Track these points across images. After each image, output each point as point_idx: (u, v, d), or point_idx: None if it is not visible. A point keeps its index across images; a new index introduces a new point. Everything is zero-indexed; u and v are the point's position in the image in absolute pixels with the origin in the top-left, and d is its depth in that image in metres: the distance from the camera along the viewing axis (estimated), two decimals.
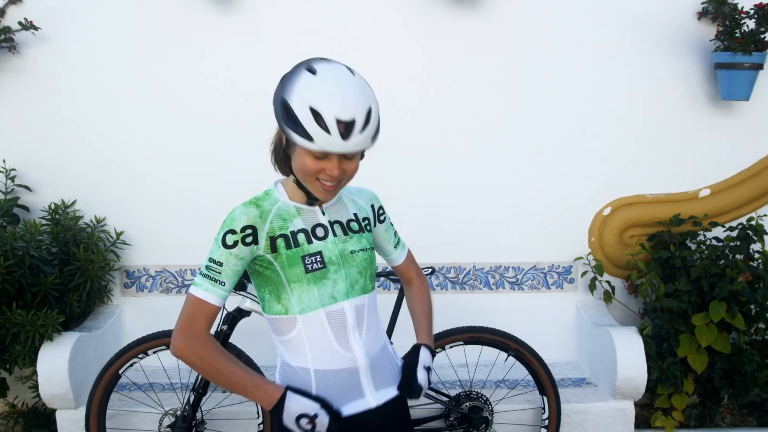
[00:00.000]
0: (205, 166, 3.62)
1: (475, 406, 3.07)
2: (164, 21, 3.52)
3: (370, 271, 1.83)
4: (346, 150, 1.61)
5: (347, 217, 1.84)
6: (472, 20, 3.55)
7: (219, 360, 1.68)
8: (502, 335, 3.05)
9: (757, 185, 3.70)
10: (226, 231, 1.71)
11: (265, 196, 1.81)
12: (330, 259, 1.75)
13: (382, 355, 1.87)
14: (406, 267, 2.05)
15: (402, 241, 2.04)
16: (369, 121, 1.63)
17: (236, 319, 2.85)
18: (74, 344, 3.12)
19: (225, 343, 2.84)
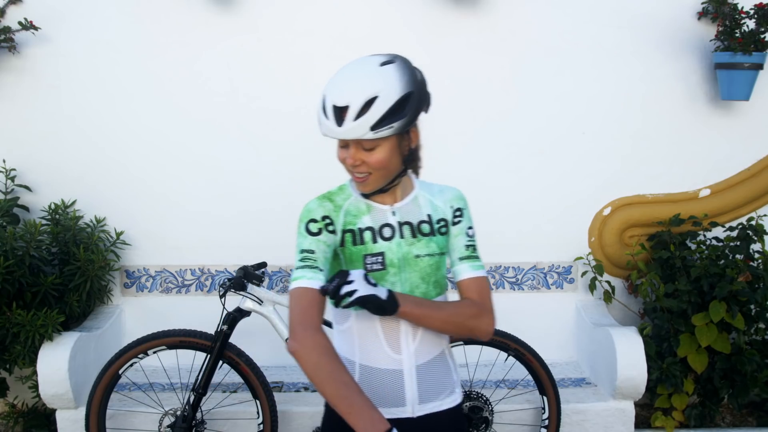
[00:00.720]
0: (204, 166, 3.62)
1: (474, 406, 3.07)
2: (164, 21, 3.52)
3: (435, 277, 1.75)
4: (340, 135, 1.60)
5: (419, 219, 1.76)
6: (472, 20, 3.55)
7: (335, 364, 1.56)
8: (502, 335, 3.05)
9: (757, 185, 3.70)
10: (308, 221, 1.71)
11: (338, 190, 1.79)
12: (391, 261, 1.71)
13: (435, 364, 1.77)
14: (467, 287, 1.76)
15: (477, 262, 1.78)
16: (368, 110, 1.56)
17: (236, 319, 2.86)
18: (74, 344, 3.12)
19: (225, 343, 2.84)
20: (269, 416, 2.92)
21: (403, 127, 1.60)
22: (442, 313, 1.68)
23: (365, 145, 1.61)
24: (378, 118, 1.57)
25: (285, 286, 3.69)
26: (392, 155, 1.64)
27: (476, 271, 1.76)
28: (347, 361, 1.76)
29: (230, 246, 3.64)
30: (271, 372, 3.57)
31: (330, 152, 3.78)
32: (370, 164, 1.63)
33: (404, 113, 1.59)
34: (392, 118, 1.58)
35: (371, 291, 1.56)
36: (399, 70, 1.61)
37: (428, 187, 1.82)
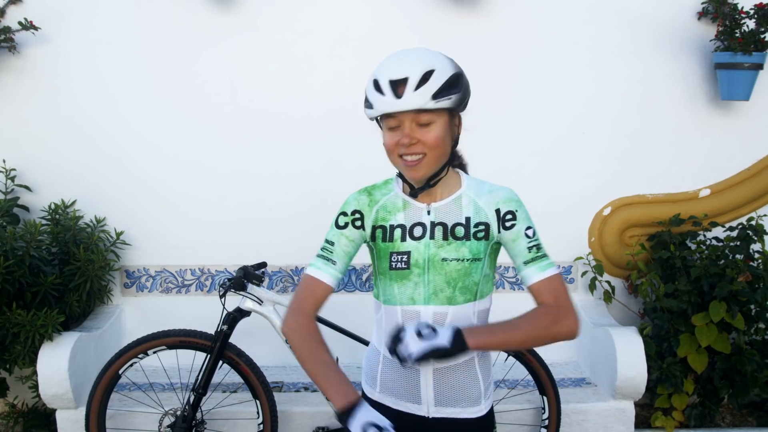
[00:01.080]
0: (204, 166, 3.62)
1: None
2: (164, 21, 3.52)
3: (462, 283, 1.69)
4: (399, 107, 1.56)
5: (455, 221, 1.69)
6: (472, 20, 3.55)
7: (314, 344, 1.65)
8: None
9: (757, 185, 3.70)
10: (340, 213, 1.76)
11: (383, 184, 1.80)
12: (416, 261, 1.69)
13: (458, 371, 1.74)
14: (538, 290, 1.70)
15: (543, 261, 1.68)
16: (427, 81, 1.56)
17: (236, 319, 2.86)
18: (74, 344, 3.12)
19: (225, 343, 2.84)
20: (269, 416, 2.92)
21: (458, 101, 1.61)
22: (519, 332, 1.65)
23: (421, 119, 1.59)
24: (438, 87, 1.56)
25: (285, 286, 3.69)
26: (446, 134, 1.63)
27: (544, 271, 1.67)
28: (375, 349, 1.80)
29: (230, 246, 3.64)
30: (271, 372, 3.57)
31: (330, 152, 3.80)
32: (426, 142, 1.60)
33: (459, 89, 1.61)
34: (450, 91, 1.59)
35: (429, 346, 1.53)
36: (442, 53, 1.67)
37: (478, 186, 1.74)
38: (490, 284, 1.78)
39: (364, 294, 3.71)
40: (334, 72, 3.56)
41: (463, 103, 1.65)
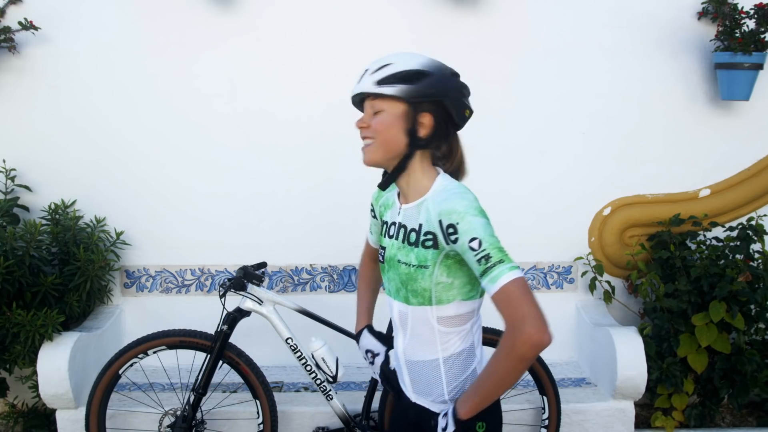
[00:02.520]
0: (204, 166, 3.62)
1: None
2: (164, 21, 3.52)
3: (411, 287, 1.70)
4: (354, 90, 1.74)
5: (412, 226, 1.72)
6: (472, 20, 3.55)
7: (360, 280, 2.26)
8: (498, 334, 3.04)
9: (757, 185, 3.71)
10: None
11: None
12: (387, 258, 1.82)
13: (425, 368, 1.77)
14: (496, 305, 1.58)
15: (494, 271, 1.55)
16: (382, 69, 1.69)
17: (236, 320, 2.86)
18: (74, 344, 3.12)
19: (225, 343, 2.85)
20: (269, 416, 2.92)
21: (406, 94, 1.66)
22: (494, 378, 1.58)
23: (376, 106, 1.69)
24: (385, 76, 1.68)
25: (285, 286, 3.69)
26: (394, 124, 1.68)
27: (495, 283, 1.55)
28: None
29: (230, 246, 3.64)
30: (272, 372, 3.57)
31: (330, 152, 3.81)
32: (373, 127, 1.69)
33: (413, 83, 1.66)
34: (398, 81, 1.66)
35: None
36: (426, 57, 1.73)
37: (439, 194, 1.70)
38: (454, 292, 1.69)
39: None
40: (334, 72, 3.56)
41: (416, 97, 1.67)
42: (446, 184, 1.72)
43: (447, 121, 1.73)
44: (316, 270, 3.71)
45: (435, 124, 1.71)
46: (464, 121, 1.76)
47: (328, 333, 2.94)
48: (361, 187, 3.64)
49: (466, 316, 1.74)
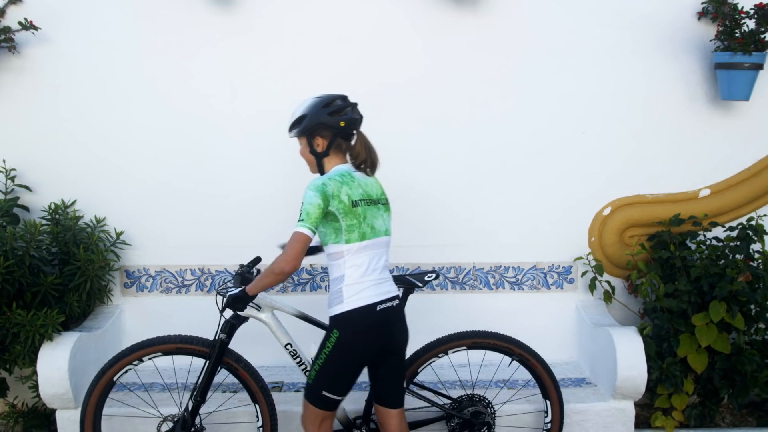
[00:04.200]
0: (204, 165, 3.62)
1: (476, 411, 3.02)
2: (163, 21, 3.52)
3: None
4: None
5: None
6: (472, 20, 3.55)
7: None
8: (506, 340, 3.02)
9: (757, 185, 3.71)
10: None
11: None
12: None
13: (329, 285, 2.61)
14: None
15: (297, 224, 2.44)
16: (290, 120, 2.63)
17: (234, 327, 2.79)
18: (74, 344, 3.12)
19: (224, 349, 2.80)
20: (269, 419, 2.89)
21: (299, 133, 2.60)
22: (263, 278, 2.51)
23: (297, 142, 2.67)
24: (289, 125, 2.64)
25: (285, 286, 3.69)
26: (305, 150, 2.63)
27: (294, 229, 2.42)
28: None
29: (230, 246, 3.64)
30: (272, 372, 3.57)
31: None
32: (301, 155, 2.67)
33: (300, 125, 2.59)
34: (294, 127, 2.62)
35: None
36: (310, 101, 2.61)
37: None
38: (326, 238, 2.53)
39: None
40: (335, 72, 3.56)
41: (304, 133, 2.58)
42: (329, 173, 2.56)
43: (335, 135, 2.56)
44: (316, 270, 3.71)
45: (326, 141, 2.57)
46: (345, 129, 2.57)
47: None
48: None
49: (336, 254, 2.52)
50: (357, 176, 2.59)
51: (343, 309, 2.50)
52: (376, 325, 2.53)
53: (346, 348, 2.50)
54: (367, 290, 2.52)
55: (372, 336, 2.53)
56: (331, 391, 2.54)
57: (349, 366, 2.53)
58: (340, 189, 2.47)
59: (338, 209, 2.45)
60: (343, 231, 2.47)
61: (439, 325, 3.65)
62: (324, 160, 2.60)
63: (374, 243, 2.55)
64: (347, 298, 2.50)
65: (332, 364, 2.51)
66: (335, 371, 2.52)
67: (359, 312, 2.49)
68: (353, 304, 2.49)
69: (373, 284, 2.54)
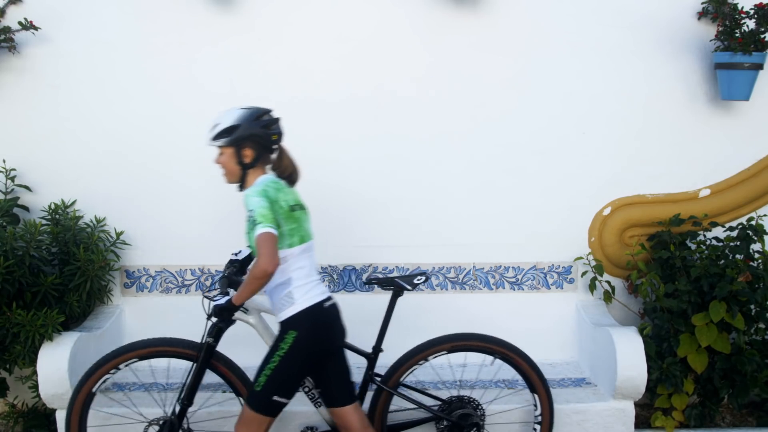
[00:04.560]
0: (204, 165, 3.60)
1: (464, 413, 2.99)
2: (163, 21, 3.52)
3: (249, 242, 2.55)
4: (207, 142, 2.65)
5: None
6: (473, 19, 3.55)
7: None
8: (484, 340, 3.00)
9: (757, 185, 3.70)
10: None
11: None
12: None
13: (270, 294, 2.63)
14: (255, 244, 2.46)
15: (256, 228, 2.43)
16: (214, 128, 2.62)
17: (222, 330, 2.76)
18: (74, 344, 3.12)
19: (212, 352, 2.77)
20: None
21: (227, 143, 2.58)
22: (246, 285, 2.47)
23: (218, 151, 2.65)
24: (215, 134, 2.61)
25: None
26: (229, 161, 2.62)
27: (255, 233, 2.41)
28: None
29: (230, 246, 3.62)
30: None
31: (329, 152, 3.81)
32: (221, 164, 2.67)
33: (230, 135, 2.57)
34: (221, 136, 2.59)
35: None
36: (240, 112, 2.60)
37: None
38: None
39: (364, 294, 3.71)
40: (335, 72, 3.56)
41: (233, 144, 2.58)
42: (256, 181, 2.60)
43: (263, 147, 2.60)
44: None
45: (254, 153, 2.60)
46: (275, 143, 2.63)
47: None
48: (361, 187, 3.65)
49: (281, 259, 2.48)
50: (284, 184, 2.66)
51: (296, 310, 2.54)
52: (326, 322, 2.63)
53: (301, 347, 2.54)
54: (314, 290, 2.60)
55: (324, 333, 2.61)
56: (282, 395, 2.56)
57: (302, 367, 2.58)
58: (278, 195, 2.54)
59: (279, 214, 2.51)
60: (285, 236, 2.53)
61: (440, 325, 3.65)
62: (249, 172, 2.63)
63: (310, 245, 2.64)
64: (298, 299, 2.55)
65: (285, 366, 2.53)
66: (288, 373, 2.55)
67: (312, 310, 2.56)
68: (305, 303, 2.55)
69: (316, 284, 2.63)
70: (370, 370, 2.94)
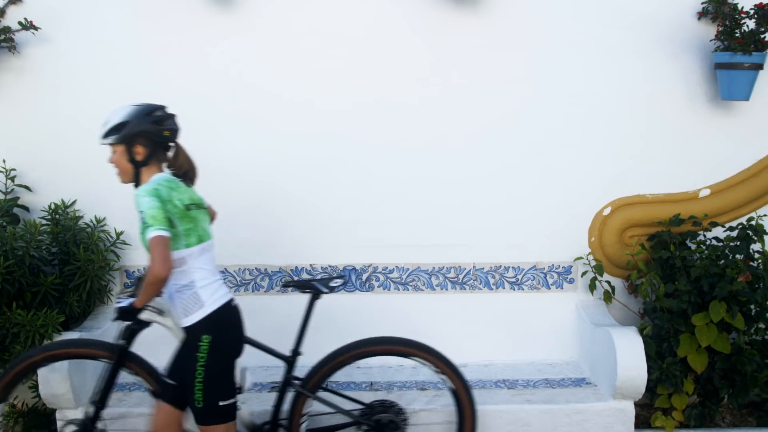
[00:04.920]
0: (204, 165, 3.60)
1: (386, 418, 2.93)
2: (163, 21, 3.52)
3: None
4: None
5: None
6: (472, 19, 3.55)
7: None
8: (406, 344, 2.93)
9: (757, 185, 3.70)
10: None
11: None
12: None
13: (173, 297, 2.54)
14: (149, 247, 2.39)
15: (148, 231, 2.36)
16: (104, 126, 2.52)
17: (135, 332, 2.69)
18: None
19: (126, 353, 2.71)
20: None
21: (117, 140, 2.49)
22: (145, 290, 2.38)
23: (111, 149, 2.55)
24: (105, 132, 2.53)
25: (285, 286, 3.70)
26: (121, 159, 2.52)
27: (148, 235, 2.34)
28: None
29: (229, 246, 3.63)
30: (272, 372, 3.57)
31: (329, 152, 3.80)
32: (114, 163, 2.56)
33: (119, 132, 2.49)
34: (111, 133, 2.51)
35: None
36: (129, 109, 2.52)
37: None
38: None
39: (364, 294, 3.72)
40: (335, 72, 3.56)
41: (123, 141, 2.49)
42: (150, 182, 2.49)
43: (156, 144, 2.51)
44: (316, 270, 3.71)
45: (146, 150, 2.51)
46: (168, 139, 2.55)
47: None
48: (360, 187, 3.65)
49: (178, 261, 2.44)
50: (180, 182, 2.59)
51: (206, 312, 2.47)
52: (235, 321, 2.60)
53: (220, 349, 2.49)
54: (219, 290, 2.55)
55: (235, 333, 2.58)
56: (225, 398, 2.51)
57: (229, 365, 2.54)
58: (171, 194, 2.46)
59: (173, 214, 2.43)
60: (181, 236, 2.45)
61: (440, 325, 3.66)
62: (142, 170, 2.53)
63: (209, 245, 2.58)
64: (206, 299, 2.48)
65: (213, 370, 2.46)
66: (219, 376, 2.49)
67: (222, 310, 2.51)
68: (214, 304, 2.50)
69: (220, 284, 2.58)
70: (289, 373, 2.86)
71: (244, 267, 3.68)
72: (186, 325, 2.50)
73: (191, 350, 2.47)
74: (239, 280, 3.68)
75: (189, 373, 2.47)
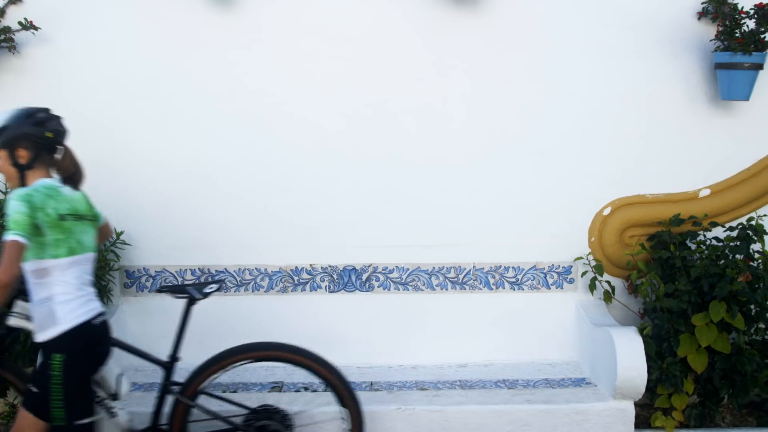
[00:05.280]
0: (204, 165, 3.62)
1: (268, 425, 2.86)
2: (164, 21, 3.52)
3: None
4: None
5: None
6: (472, 19, 3.55)
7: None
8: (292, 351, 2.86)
9: (757, 185, 3.70)
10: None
11: None
12: None
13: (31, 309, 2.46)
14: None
15: (5, 234, 2.32)
16: None
17: (3, 338, 2.69)
18: None
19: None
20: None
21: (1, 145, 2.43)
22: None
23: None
24: None
25: (285, 286, 3.69)
26: (4, 164, 2.46)
27: (5, 239, 2.30)
28: None
29: (229, 246, 3.64)
30: (271, 372, 3.57)
31: (329, 152, 3.80)
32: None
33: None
34: None
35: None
36: (10, 112, 2.45)
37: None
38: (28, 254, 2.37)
39: (364, 294, 3.72)
40: (336, 72, 3.56)
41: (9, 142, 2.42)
42: (29, 187, 2.42)
43: (40, 147, 2.46)
44: (316, 270, 3.71)
45: (30, 154, 2.45)
46: (52, 141, 2.48)
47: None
48: (360, 187, 3.65)
49: (40, 272, 2.39)
50: (64, 191, 2.52)
51: (60, 330, 2.40)
52: (93, 341, 2.52)
53: (74, 368, 2.43)
54: (81, 307, 2.47)
55: (92, 352, 2.52)
56: (82, 416, 2.46)
57: (85, 383, 2.49)
58: (46, 202, 2.40)
59: (44, 222, 2.37)
60: (48, 245, 2.40)
61: (440, 325, 3.66)
62: (27, 174, 2.47)
63: (82, 259, 2.51)
64: (62, 317, 2.41)
65: (69, 388, 2.41)
66: (75, 394, 2.43)
67: (77, 330, 2.43)
68: (70, 323, 2.42)
69: (85, 301, 2.50)
70: (167, 379, 2.80)
71: (243, 267, 3.68)
72: (39, 341, 2.43)
73: (45, 367, 2.42)
74: (239, 280, 3.68)
75: (41, 388, 2.42)
